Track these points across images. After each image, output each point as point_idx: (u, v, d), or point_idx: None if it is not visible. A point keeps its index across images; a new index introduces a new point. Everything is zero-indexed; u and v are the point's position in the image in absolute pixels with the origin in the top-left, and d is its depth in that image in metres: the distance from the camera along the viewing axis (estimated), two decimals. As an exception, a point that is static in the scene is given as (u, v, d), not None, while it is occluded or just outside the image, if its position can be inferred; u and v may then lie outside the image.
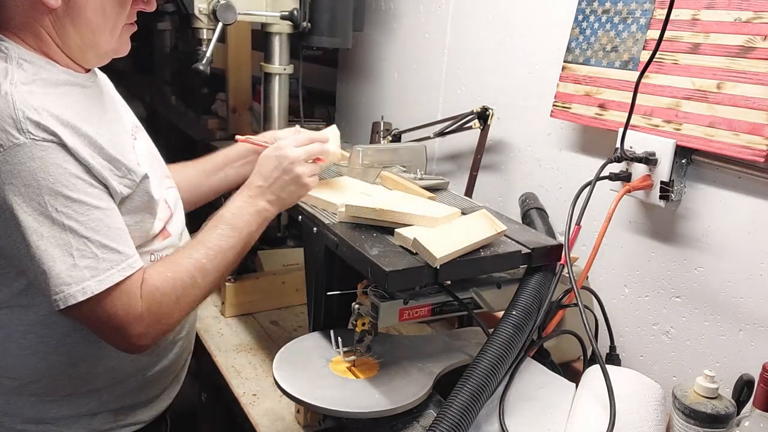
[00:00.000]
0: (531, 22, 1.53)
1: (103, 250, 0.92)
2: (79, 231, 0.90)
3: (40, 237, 0.89)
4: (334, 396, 1.06)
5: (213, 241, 1.05)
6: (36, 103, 0.89)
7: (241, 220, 1.09)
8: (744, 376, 1.02)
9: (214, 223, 1.08)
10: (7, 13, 0.96)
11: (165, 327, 1.00)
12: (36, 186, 0.88)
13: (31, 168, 0.87)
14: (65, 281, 0.89)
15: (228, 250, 1.06)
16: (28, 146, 0.87)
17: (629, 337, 1.36)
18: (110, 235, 0.93)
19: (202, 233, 1.07)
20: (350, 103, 2.29)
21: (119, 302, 0.93)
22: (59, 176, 0.89)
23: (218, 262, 1.04)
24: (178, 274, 1.00)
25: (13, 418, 1.04)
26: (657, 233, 1.29)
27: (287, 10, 1.70)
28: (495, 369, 0.98)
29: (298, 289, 1.71)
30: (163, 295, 0.98)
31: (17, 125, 0.87)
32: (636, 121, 1.22)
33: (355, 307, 1.11)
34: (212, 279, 1.04)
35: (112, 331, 0.95)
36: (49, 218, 0.89)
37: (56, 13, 0.95)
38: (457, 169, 1.81)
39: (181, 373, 1.23)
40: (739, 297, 1.15)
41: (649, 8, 1.23)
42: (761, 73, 1.05)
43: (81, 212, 0.90)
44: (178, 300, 0.99)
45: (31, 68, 0.95)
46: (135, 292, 0.95)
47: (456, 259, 1.03)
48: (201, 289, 1.03)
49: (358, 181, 1.38)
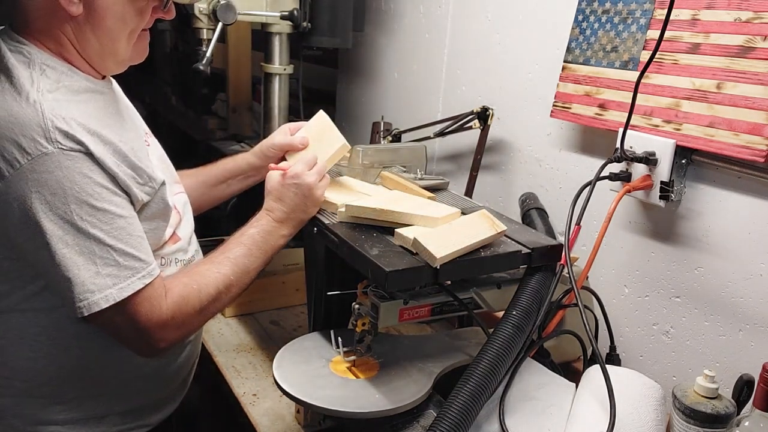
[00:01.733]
0: (531, 22, 1.53)
1: (124, 258, 0.94)
2: (103, 239, 0.92)
3: (66, 245, 0.90)
4: (334, 396, 1.06)
5: (240, 258, 1.09)
6: (64, 113, 0.91)
7: (269, 245, 1.14)
8: (744, 376, 1.02)
9: (241, 240, 1.12)
10: (28, 17, 0.97)
11: (184, 334, 1.04)
12: (62, 195, 0.89)
13: (58, 177, 0.89)
14: (89, 289, 0.91)
15: (252, 270, 1.11)
16: (56, 155, 0.89)
17: (629, 337, 1.36)
18: (132, 243, 0.95)
19: (229, 249, 1.10)
20: (350, 103, 2.29)
21: (142, 309, 0.96)
22: (85, 185, 0.91)
23: (242, 281, 1.09)
24: (204, 287, 1.03)
25: (22, 420, 1.05)
26: (657, 233, 1.29)
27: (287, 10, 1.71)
28: (495, 369, 0.98)
29: (298, 289, 1.71)
30: (188, 305, 1.01)
31: (46, 134, 0.88)
32: (636, 121, 1.22)
33: (355, 307, 1.11)
34: (233, 295, 1.09)
35: (134, 336, 0.98)
36: (74, 226, 0.90)
37: (77, 20, 0.96)
38: (457, 169, 1.81)
39: (188, 377, 1.24)
40: (739, 297, 1.15)
41: (649, 8, 1.23)
42: (761, 73, 1.05)
43: (105, 221, 0.92)
44: (201, 311, 1.03)
45: (54, 74, 0.96)
46: (157, 298, 0.97)
47: (456, 259, 1.03)
48: (222, 303, 1.07)
49: (358, 181, 1.38)
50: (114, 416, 1.09)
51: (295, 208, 1.16)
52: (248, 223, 1.16)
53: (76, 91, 0.97)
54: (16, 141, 0.88)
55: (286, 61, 1.80)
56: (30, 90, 0.91)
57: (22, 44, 0.97)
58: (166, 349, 1.01)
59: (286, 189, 1.16)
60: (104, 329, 0.98)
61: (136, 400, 1.11)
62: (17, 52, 0.96)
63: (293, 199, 1.16)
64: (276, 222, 1.16)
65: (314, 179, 1.17)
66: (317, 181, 1.18)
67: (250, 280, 1.12)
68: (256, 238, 1.12)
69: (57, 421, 1.05)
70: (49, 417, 1.05)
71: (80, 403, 1.06)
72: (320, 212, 1.22)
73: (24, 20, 0.97)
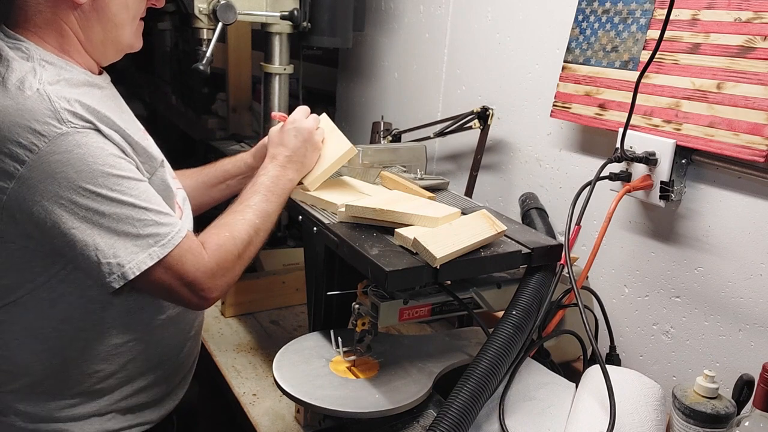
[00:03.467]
0: (531, 22, 1.53)
1: (159, 216, 0.97)
2: (136, 204, 0.95)
3: (102, 216, 0.92)
4: (334, 396, 1.06)
5: (260, 204, 1.14)
6: (67, 96, 0.93)
7: (279, 187, 1.19)
8: (744, 376, 1.02)
9: (255, 188, 1.17)
10: (28, 12, 0.99)
11: (231, 280, 1.06)
12: (88, 170, 0.91)
13: (79, 154, 0.91)
14: (133, 251, 0.94)
15: (273, 214, 1.16)
16: (71, 134, 0.91)
17: (629, 337, 1.36)
18: (158, 202, 0.99)
19: (247, 198, 1.15)
20: (350, 103, 2.29)
21: (187, 261, 0.99)
22: (106, 158, 0.93)
23: (266, 224, 1.14)
24: (237, 233, 1.07)
25: (25, 417, 1.05)
26: (657, 233, 1.29)
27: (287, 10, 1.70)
28: (495, 369, 0.98)
29: (298, 289, 1.71)
30: (227, 252, 1.04)
31: (57, 116, 0.91)
32: (636, 121, 1.22)
33: (355, 307, 1.11)
34: (262, 238, 1.13)
35: (185, 288, 1.00)
36: (106, 198, 0.93)
37: (82, 8, 0.99)
38: (457, 169, 1.81)
39: (188, 374, 1.24)
40: (739, 297, 1.15)
41: (649, 8, 1.23)
42: (761, 73, 1.05)
43: (132, 186, 0.95)
44: (239, 256, 1.07)
45: (53, 69, 0.98)
46: (198, 248, 1.01)
47: (456, 259, 1.03)
48: (256, 246, 1.11)
49: (358, 181, 1.38)
50: (116, 413, 1.10)
51: (296, 151, 1.23)
52: (257, 174, 1.21)
53: (75, 84, 0.98)
54: (30, 126, 0.90)
55: (286, 61, 1.80)
56: (33, 81, 0.93)
57: (21, 41, 0.98)
58: (217, 297, 1.04)
59: (286, 134, 1.25)
60: (153, 291, 1.00)
61: (137, 397, 1.12)
62: (16, 48, 0.97)
63: (294, 142, 1.24)
64: (280, 166, 1.22)
65: (312, 124, 1.26)
66: (315, 127, 1.26)
67: (272, 223, 1.16)
68: (267, 184, 1.18)
69: (59, 418, 1.05)
70: (51, 414, 1.05)
71: (82, 400, 1.06)
72: (320, 212, 1.22)
73: (24, 16, 0.99)
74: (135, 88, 3.44)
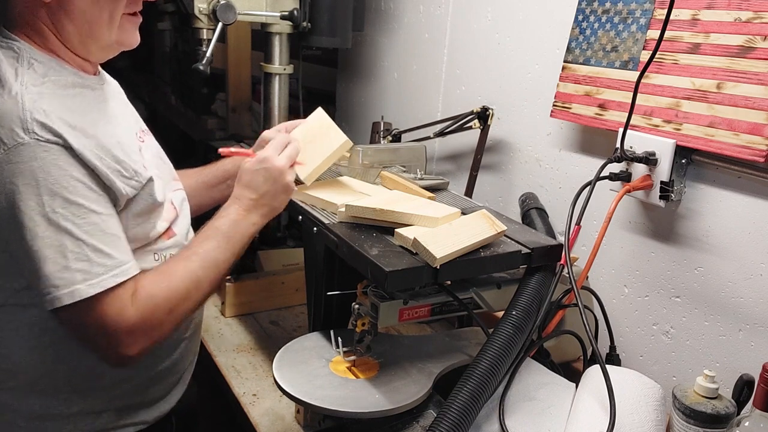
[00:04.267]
0: (531, 22, 1.53)
1: (97, 255, 0.92)
2: (74, 233, 0.90)
3: (35, 236, 0.89)
4: (334, 396, 1.06)
5: (209, 253, 1.05)
6: (45, 105, 0.90)
7: (237, 234, 1.09)
8: (744, 376, 1.02)
9: (209, 233, 1.08)
10: (15, 12, 0.98)
11: (155, 338, 0.99)
12: (35, 185, 0.88)
13: (32, 167, 0.88)
14: (54, 283, 0.89)
15: (222, 263, 1.06)
16: (32, 146, 0.88)
17: (629, 337, 1.36)
18: (105, 240, 0.93)
19: (197, 243, 1.07)
20: (350, 103, 2.29)
21: (111, 309, 0.92)
22: (59, 177, 0.89)
23: (212, 275, 1.04)
24: (173, 284, 0.99)
25: (19, 414, 1.05)
26: (657, 233, 1.29)
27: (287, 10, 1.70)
28: (495, 369, 0.98)
29: (298, 289, 1.71)
30: (156, 306, 0.97)
31: (23, 125, 0.88)
32: (636, 121, 1.22)
33: (355, 307, 1.11)
34: (204, 292, 1.05)
35: (102, 338, 0.94)
36: (45, 218, 0.89)
37: (50, 6, 0.96)
38: (457, 169, 1.81)
39: (186, 374, 1.23)
40: (739, 297, 1.15)
41: (649, 8, 1.23)
42: (761, 73, 1.05)
43: (78, 215, 0.91)
44: (171, 311, 0.99)
45: (41, 69, 0.96)
46: (127, 299, 0.94)
47: (456, 259, 1.03)
48: (194, 302, 1.03)
49: (358, 181, 1.38)
50: (111, 412, 1.09)
51: (264, 195, 1.12)
52: (216, 214, 1.12)
53: (63, 86, 0.97)
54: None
55: (286, 61, 1.80)
56: (13, 84, 0.91)
57: (13, 40, 0.97)
58: (135, 357, 0.96)
59: (255, 175, 1.12)
60: (72, 329, 0.96)
61: (132, 396, 1.11)
62: (7, 48, 0.97)
63: (263, 186, 1.12)
64: (244, 210, 1.11)
65: (284, 163, 1.13)
66: (287, 166, 1.14)
67: (221, 274, 1.07)
68: (224, 229, 1.08)
69: (55, 416, 1.05)
70: (46, 412, 1.05)
71: (76, 399, 1.06)
72: (320, 212, 1.22)
73: (12, 16, 0.98)
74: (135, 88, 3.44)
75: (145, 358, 1.08)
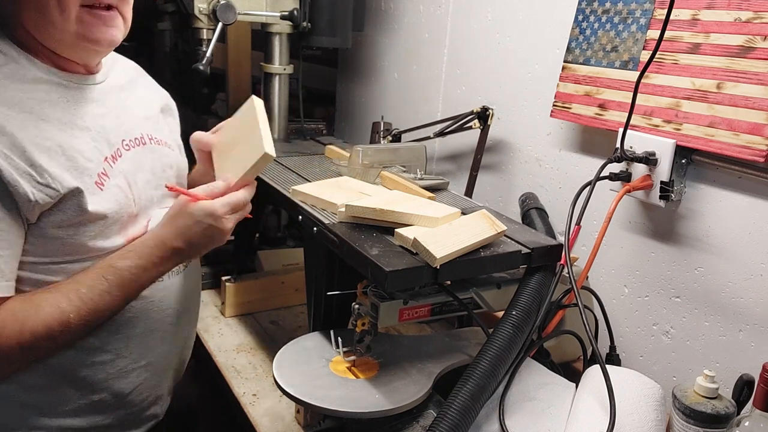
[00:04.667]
0: (531, 22, 1.53)
1: None
2: None
3: None
4: (334, 396, 1.06)
5: (93, 297, 0.96)
6: None
7: (137, 284, 1.00)
8: (744, 376, 1.02)
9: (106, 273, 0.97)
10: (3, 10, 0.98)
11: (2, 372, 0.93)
12: None
13: None
14: None
15: (105, 310, 0.98)
16: None
17: (629, 337, 1.36)
18: None
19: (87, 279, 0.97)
20: (350, 103, 2.29)
21: None
22: None
23: (87, 320, 0.96)
24: (32, 321, 0.92)
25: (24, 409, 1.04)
26: (657, 233, 1.29)
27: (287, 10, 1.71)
28: (495, 369, 0.98)
29: (298, 289, 1.71)
30: (5, 338, 0.90)
31: None
32: (636, 121, 1.22)
33: (355, 307, 1.11)
34: (74, 335, 0.96)
35: None
36: None
37: None
38: (457, 169, 1.81)
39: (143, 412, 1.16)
40: (739, 297, 1.15)
41: (649, 8, 1.23)
42: (761, 73, 1.05)
43: None
44: (22, 350, 0.92)
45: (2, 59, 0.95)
46: None
47: (456, 259, 1.03)
48: (57, 343, 0.96)
49: (358, 181, 1.38)
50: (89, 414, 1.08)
51: (193, 247, 1.02)
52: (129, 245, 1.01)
53: (20, 80, 0.95)
54: None
55: (286, 61, 1.80)
56: None
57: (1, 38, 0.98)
58: None
59: (196, 225, 1.00)
60: None
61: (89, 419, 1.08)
62: None
63: (197, 238, 1.01)
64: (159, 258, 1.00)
65: (230, 227, 1.03)
66: (231, 230, 1.04)
67: (101, 319, 0.98)
68: (124, 276, 0.97)
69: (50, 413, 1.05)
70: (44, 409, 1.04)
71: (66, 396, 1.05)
72: (320, 212, 1.22)
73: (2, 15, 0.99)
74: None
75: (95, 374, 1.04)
